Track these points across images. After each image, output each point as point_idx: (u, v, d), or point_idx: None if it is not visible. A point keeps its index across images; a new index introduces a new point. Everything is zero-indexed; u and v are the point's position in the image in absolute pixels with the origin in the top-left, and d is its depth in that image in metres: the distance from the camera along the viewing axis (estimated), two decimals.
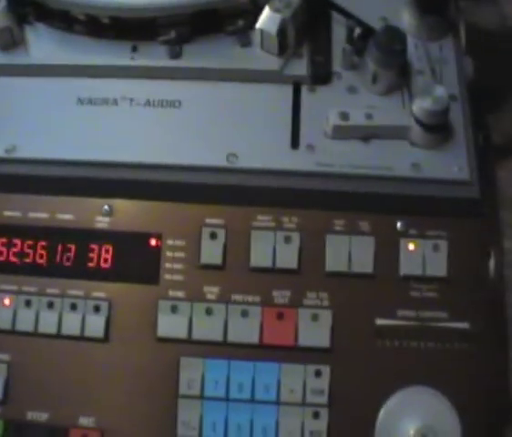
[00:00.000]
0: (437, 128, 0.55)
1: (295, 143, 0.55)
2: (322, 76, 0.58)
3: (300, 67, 0.57)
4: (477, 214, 0.55)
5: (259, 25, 0.56)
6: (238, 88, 0.58)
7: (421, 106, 0.54)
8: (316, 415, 0.52)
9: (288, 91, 0.58)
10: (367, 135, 0.56)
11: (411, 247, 0.54)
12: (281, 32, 0.56)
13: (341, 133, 0.55)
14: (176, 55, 0.58)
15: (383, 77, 0.57)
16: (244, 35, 0.58)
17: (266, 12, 0.56)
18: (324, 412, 0.52)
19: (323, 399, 0.52)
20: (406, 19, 0.60)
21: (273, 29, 0.56)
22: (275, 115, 0.57)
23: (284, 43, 0.57)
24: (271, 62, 0.57)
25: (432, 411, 0.53)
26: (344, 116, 0.55)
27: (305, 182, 0.55)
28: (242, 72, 0.57)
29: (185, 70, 0.58)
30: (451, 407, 0.53)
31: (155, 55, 0.58)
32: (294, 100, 0.57)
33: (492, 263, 0.54)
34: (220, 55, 0.58)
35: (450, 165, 0.55)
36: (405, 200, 0.55)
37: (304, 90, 0.58)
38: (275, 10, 0.56)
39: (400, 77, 0.57)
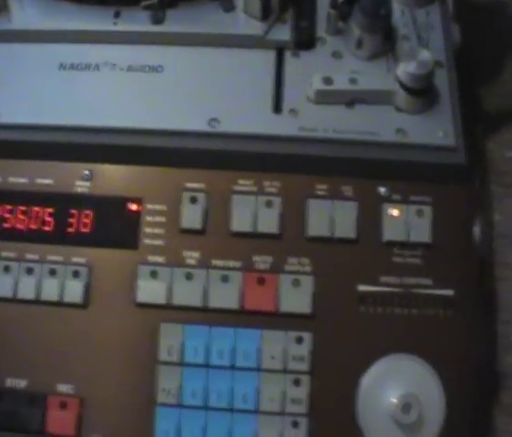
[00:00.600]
0: (422, 93, 0.54)
1: (278, 108, 0.55)
2: (305, 41, 0.57)
3: (283, 32, 0.57)
4: (462, 180, 0.54)
5: None
6: (221, 53, 0.57)
7: (405, 69, 0.54)
8: (297, 382, 0.52)
9: (271, 56, 0.57)
10: (351, 100, 0.55)
11: (395, 212, 0.53)
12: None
13: (324, 98, 0.54)
14: (158, 20, 0.57)
15: (367, 42, 0.56)
16: (228, 0, 0.57)
17: None
18: (306, 380, 0.52)
19: (305, 366, 0.52)
20: None
21: None
22: (258, 80, 0.56)
23: (268, 7, 0.56)
24: (255, 27, 0.57)
25: (415, 378, 0.52)
26: (328, 80, 0.55)
27: (287, 147, 0.54)
28: (225, 37, 0.56)
29: (167, 35, 0.57)
30: (435, 374, 0.52)
31: (137, 21, 0.57)
32: (277, 65, 0.56)
33: (477, 230, 0.53)
34: (203, 20, 0.57)
35: (435, 130, 0.54)
36: (389, 165, 0.54)
37: (288, 55, 0.57)
38: None
39: (385, 43, 0.57)
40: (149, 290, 0.53)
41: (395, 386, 0.52)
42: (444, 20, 0.59)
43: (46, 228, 0.54)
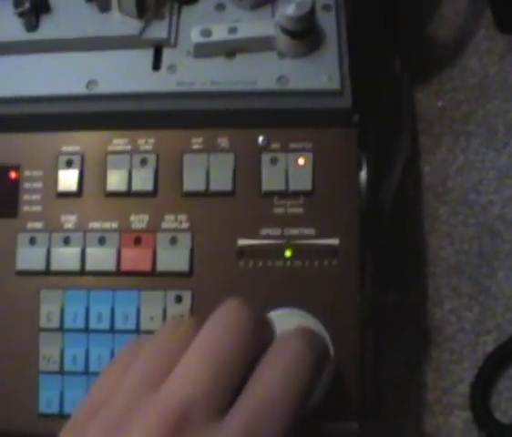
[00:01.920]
0: (303, 35, 0.52)
1: (157, 65, 0.53)
2: None
3: (160, 30, 0.54)
4: (346, 124, 0.51)
5: None
6: (98, 57, 0.55)
7: (284, 12, 0.52)
8: None
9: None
10: (231, 50, 0.53)
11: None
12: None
13: (203, 51, 0.53)
14: (32, 27, 0.55)
15: None
16: None
17: None
18: None
19: None
20: None
21: None
22: None
23: (143, 5, 0.54)
24: (130, 26, 0.54)
25: None
26: (206, 32, 0.53)
27: (163, 103, 0.52)
28: (101, 40, 0.54)
29: (42, 43, 0.55)
30: (321, 328, 0.49)
31: (9, 29, 0.55)
32: None
33: (363, 175, 0.51)
34: (79, 23, 0.55)
35: (319, 75, 0.52)
36: (268, 114, 0.52)
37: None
38: None
39: None
40: (29, 257, 0.52)
41: None
42: None
43: None
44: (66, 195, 0.52)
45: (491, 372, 0.60)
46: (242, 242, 0.50)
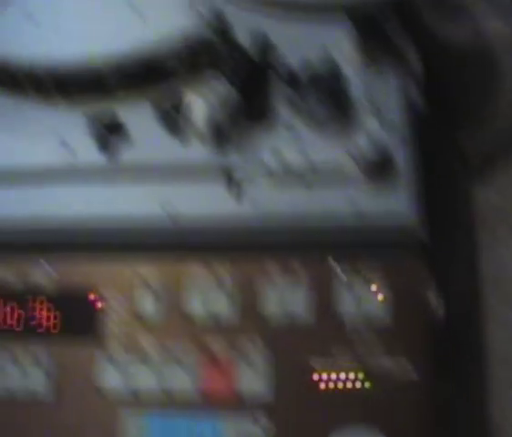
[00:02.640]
0: (376, 167, 0.53)
1: (232, 193, 0.55)
2: (257, 115, 0.56)
3: (234, 157, 0.56)
4: (419, 253, 0.53)
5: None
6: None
7: (357, 144, 0.53)
8: None
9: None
10: (305, 179, 0.54)
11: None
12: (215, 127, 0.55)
13: (278, 180, 0.55)
14: (107, 151, 0.57)
15: (320, 114, 0.55)
16: None
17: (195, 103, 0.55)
18: None
19: None
20: (346, 46, 0.57)
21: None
22: None
23: (217, 132, 0.56)
24: (205, 154, 0.56)
25: None
26: (279, 157, 0.54)
27: (241, 232, 0.55)
28: (175, 167, 0.56)
29: (116, 168, 0.57)
30: None
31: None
32: None
33: (435, 302, 0.52)
34: (154, 149, 0.57)
35: (395, 207, 0.54)
36: (342, 243, 0.54)
37: None
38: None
39: (339, 113, 0.55)
40: (108, 377, 0.54)
41: None
42: (401, 79, 0.57)
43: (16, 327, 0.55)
44: (143, 316, 0.53)
45: None
46: (318, 366, 0.52)
